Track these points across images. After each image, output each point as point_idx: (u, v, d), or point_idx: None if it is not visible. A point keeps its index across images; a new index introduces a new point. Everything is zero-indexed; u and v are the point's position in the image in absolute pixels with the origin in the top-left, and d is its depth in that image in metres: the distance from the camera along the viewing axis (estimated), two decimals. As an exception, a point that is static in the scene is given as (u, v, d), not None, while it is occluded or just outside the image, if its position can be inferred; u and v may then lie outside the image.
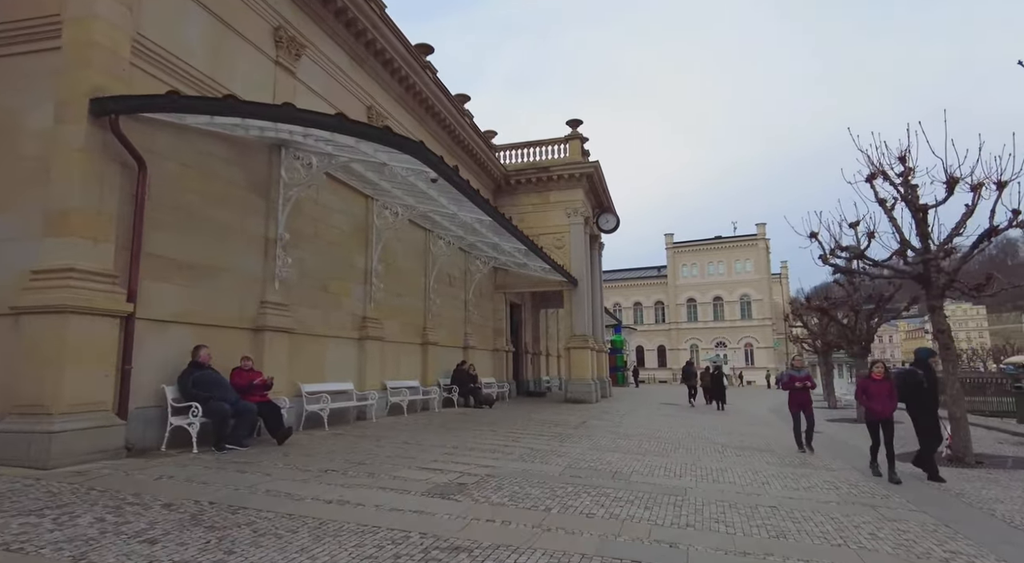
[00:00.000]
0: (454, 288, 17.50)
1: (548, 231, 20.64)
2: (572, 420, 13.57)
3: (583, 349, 20.19)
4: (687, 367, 22.98)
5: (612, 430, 11.93)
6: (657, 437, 11.16)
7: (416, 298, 14.87)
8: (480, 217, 11.91)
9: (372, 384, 12.18)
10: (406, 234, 14.43)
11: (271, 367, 9.14)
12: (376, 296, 12.52)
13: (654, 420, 14.84)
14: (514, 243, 14.67)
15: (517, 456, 7.91)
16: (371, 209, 12.60)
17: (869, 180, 9.91)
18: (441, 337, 15.95)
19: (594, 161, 20.78)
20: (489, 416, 13.76)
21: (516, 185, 21.18)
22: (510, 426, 11.74)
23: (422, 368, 14.92)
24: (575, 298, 20.57)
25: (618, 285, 71.41)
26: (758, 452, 9.65)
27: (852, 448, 10.78)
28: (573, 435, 10.65)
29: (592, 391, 19.88)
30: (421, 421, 11.95)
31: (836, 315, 16.55)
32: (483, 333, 19.83)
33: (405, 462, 7.05)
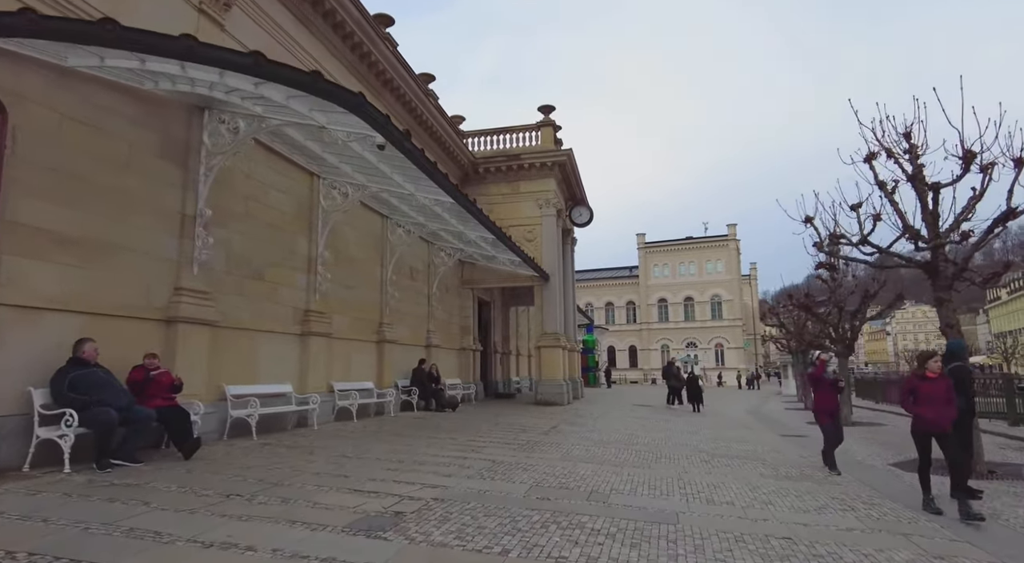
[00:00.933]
0: (416, 281, 16.15)
1: (519, 223, 19.42)
2: (542, 425, 12.38)
3: (554, 348, 19.03)
4: (668, 367, 21.98)
5: (585, 436, 10.78)
6: (635, 444, 10.03)
7: (371, 291, 13.49)
8: (440, 198, 10.62)
9: (316, 386, 10.77)
10: (359, 219, 13.04)
11: (187, 365, 7.70)
12: (323, 287, 11.11)
13: (630, 424, 13.75)
14: (480, 231, 13.41)
15: (475, 471, 6.65)
16: (317, 188, 11.19)
17: (868, 160, 8.97)
18: (400, 334, 14.58)
19: (567, 149, 19.64)
20: (450, 421, 12.46)
21: (485, 174, 19.92)
22: (472, 433, 10.47)
23: (377, 368, 13.54)
24: (546, 294, 19.41)
25: (590, 285, 70.78)
26: (748, 461, 8.59)
27: (844, 454, 9.83)
28: (542, 443, 9.44)
29: (563, 392, 18.74)
30: (371, 428, 10.59)
31: (819, 312, 15.76)
32: (448, 331, 18.51)
33: (335, 482, 5.73)
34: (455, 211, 12.09)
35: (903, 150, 8.22)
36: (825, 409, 8.09)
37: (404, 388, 14.45)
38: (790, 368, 39.92)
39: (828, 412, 8.06)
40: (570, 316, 23.86)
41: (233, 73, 6.40)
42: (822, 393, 8.14)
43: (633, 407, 19.85)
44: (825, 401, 8.10)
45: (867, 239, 8.32)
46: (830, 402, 8.09)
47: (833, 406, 8.09)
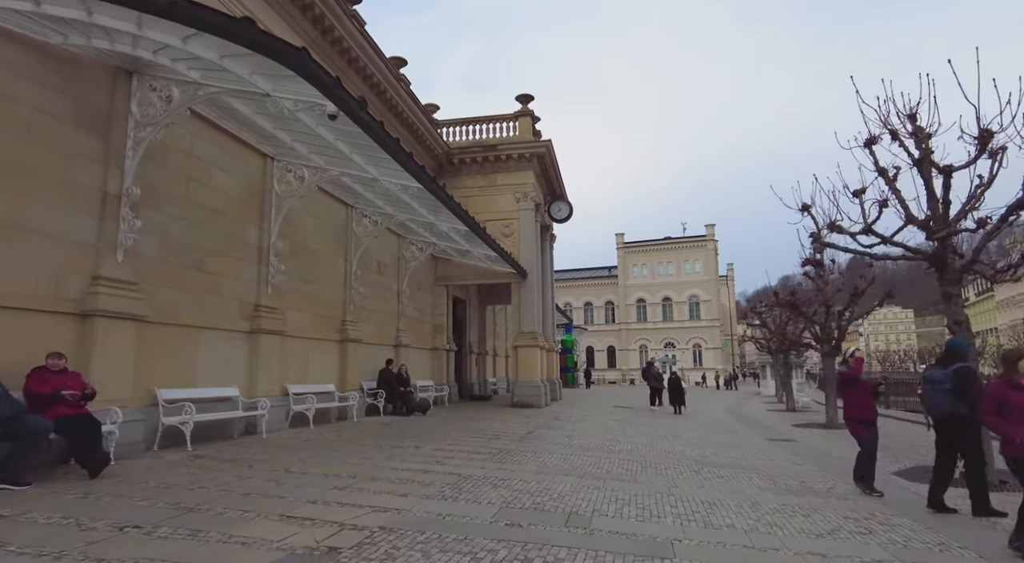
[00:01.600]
0: (384, 277, 15.16)
1: (496, 217, 18.54)
2: (517, 430, 11.52)
3: (532, 348, 18.19)
4: (648, 368, 21.21)
5: (564, 442, 9.94)
6: (618, 451, 9.23)
7: (333, 286, 12.47)
8: (406, 182, 9.69)
9: (267, 389, 9.75)
10: (320, 208, 12.03)
11: (107, 366, 6.68)
12: (276, 280, 10.09)
13: (611, 428, 12.97)
14: (453, 223, 12.50)
15: (436, 489, 5.75)
16: (270, 172, 10.17)
17: (868, 145, 8.30)
18: (366, 333, 13.58)
19: (546, 140, 18.81)
20: (418, 426, 11.52)
21: (460, 165, 18.99)
22: (440, 440, 9.56)
23: (340, 369, 12.53)
24: (524, 292, 18.56)
25: (569, 285, 70.25)
26: (741, 471, 7.84)
27: (839, 460, 9.15)
28: (516, 452, 8.58)
29: (541, 394, 17.91)
30: (327, 435, 9.61)
31: (805, 311, 15.19)
32: (420, 330, 17.54)
33: (265, 506, 4.79)
34: (424, 199, 11.16)
35: (909, 132, 7.55)
36: (861, 417, 6.74)
37: (370, 391, 13.46)
38: (768, 369, 39.79)
39: (865, 421, 6.73)
40: (549, 315, 23.05)
41: (151, 21, 5.42)
42: (857, 397, 6.79)
43: (613, 409, 19.12)
44: (861, 408, 6.75)
45: (871, 228, 7.63)
46: (867, 409, 6.75)
47: (871, 413, 6.77)
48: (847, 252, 8.17)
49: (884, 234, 7.66)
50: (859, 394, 6.78)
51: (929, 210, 7.68)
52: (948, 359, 6.28)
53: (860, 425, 6.76)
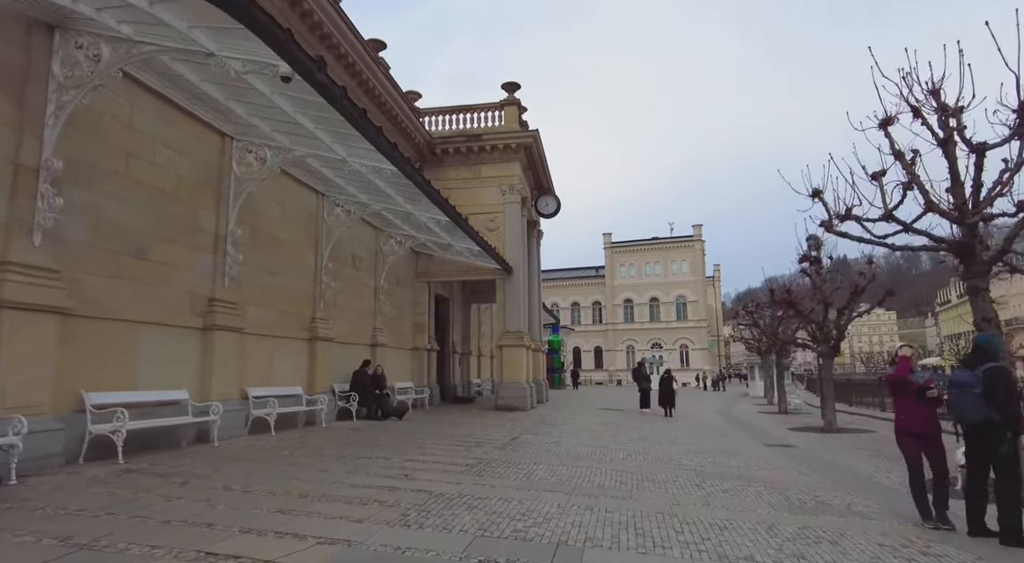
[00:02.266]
0: (360, 271, 14.22)
1: (480, 211, 17.64)
2: (500, 436, 10.66)
3: (517, 347, 17.34)
4: (638, 368, 20.36)
5: (550, 450, 9.10)
6: (610, 461, 8.40)
7: (302, 280, 11.52)
8: (378, 164, 8.80)
9: (224, 392, 8.79)
10: (288, 194, 11.08)
11: (14, 366, 5.72)
12: (234, 271, 9.14)
13: (599, 433, 12.16)
14: (432, 212, 11.61)
15: (399, 512, 4.87)
16: (228, 152, 9.21)
17: (884, 126, 7.56)
18: (339, 332, 12.65)
19: (533, 130, 17.98)
20: (392, 432, 10.62)
21: (443, 156, 18.10)
22: (414, 448, 8.67)
23: (308, 370, 11.58)
24: (509, 289, 17.70)
25: (556, 285, 69.55)
26: (747, 484, 7.04)
27: (847, 471, 8.42)
28: (498, 462, 7.71)
29: (527, 396, 17.07)
30: (289, 443, 8.68)
31: (803, 309, 14.52)
32: (399, 328, 16.62)
33: (182, 538, 3.88)
34: (401, 186, 10.29)
35: (933, 108, 6.81)
36: (911, 429, 5.43)
37: (342, 393, 12.53)
38: (757, 369, 39.35)
39: (916, 434, 5.43)
40: (535, 314, 22.23)
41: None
42: (905, 405, 5.52)
43: (601, 412, 18.32)
44: (913, 418, 5.42)
45: (892, 214, 6.88)
46: (920, 419, 5.39)
47: (921, 425, 5.39)
48: (862, 242, 7.45)
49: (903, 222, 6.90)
50: (909, 400, 5.51)
51: (953, 196, 6.95)
52: (977, 359, 5.41)
53: (911, 439, 5.47)
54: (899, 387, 5.63)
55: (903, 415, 5.56)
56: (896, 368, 5.70)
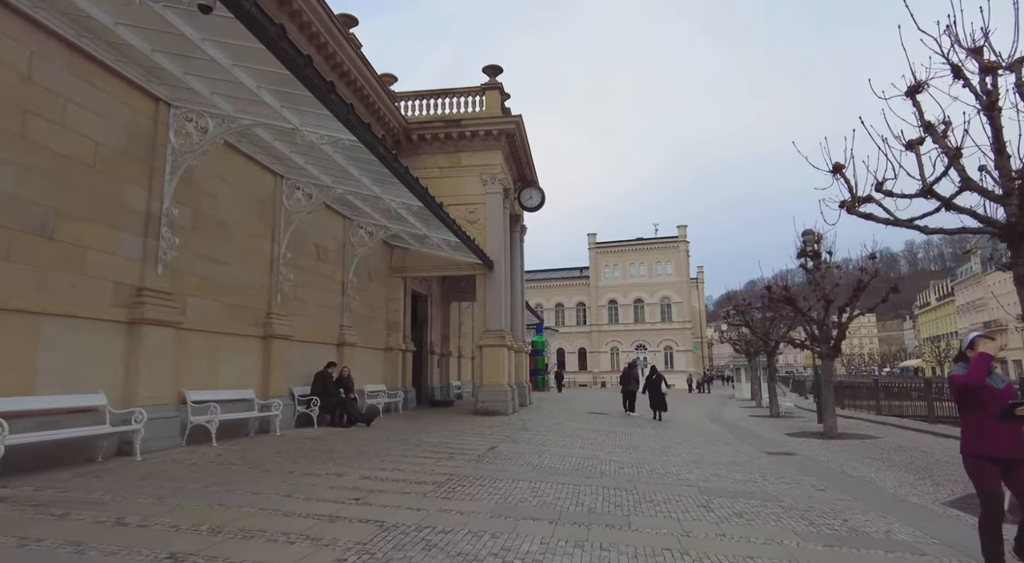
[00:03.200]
0: (325, 263, 13.01)
1: (459, 202, 16.53)
2: (477, 444, 9.55)
3: (498, 348, 16.23)
4: (629, 369, 19.27)
5: (533, 462, 8.01)
6: (600, 474, 7.34)
7: (255, 270, 10.30)
8: (334, 133, 7.65)
9: (154, 396, 7.56)
10: (239, 174, 9.87)
11: None
12: (169, 257, 7.91)
13: (588, 440, 11.10)
14: (403, 196, 10.47)
15: (334, 556, 3.74)
16: (164, 119, 7.99)
17: (912, 93, 6.62)
18: (299, 329, 11.44)
19: (516, 116, 16.90)
20: (355, 442, 9.45)
21: (420, 142, 16.94)
22: (375, 462, 7.52)
23: (262, 372, 10.36)
24: (490, 285, 16.59)
25: (540, 285, 68.65)
26: (762, 504, 6.02)
27: (863, 483, 7.47)
28: (471, 479, 6.60)
29: (508, 400, 15.96)
30: (228, 457, 7.47)
31: (802, 307, 13.63)
32: (370, 327, 15.42)
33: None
34: (364, 164, 9.14)
35: (977, 68, 5.87)
36: (993, 452, 3.85)
37: (302, 397, 11.31)
38: (743, 371, 38.69)
39: (1002, 460, 3.84)
40: (518, 313, 21.18)
41: None
42: (984, 419, 3.92)
43: (587, 416, 17.28)
44: (995, 438, 3.84)
45: (932, 189, 5.90)
46: (1005, 440, 3.82)
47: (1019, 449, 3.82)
48: (889, 225, 6.48)
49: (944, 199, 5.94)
50: (983, 414, 3.92)
51: (998, 171, 6.00)
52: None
53: (986, 465, 3.87)
54: (968, 394, 3.99)
55: (978, 433, 3.94)
56: (969, 368, 3.96)
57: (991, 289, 70.11)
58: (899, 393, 17.88)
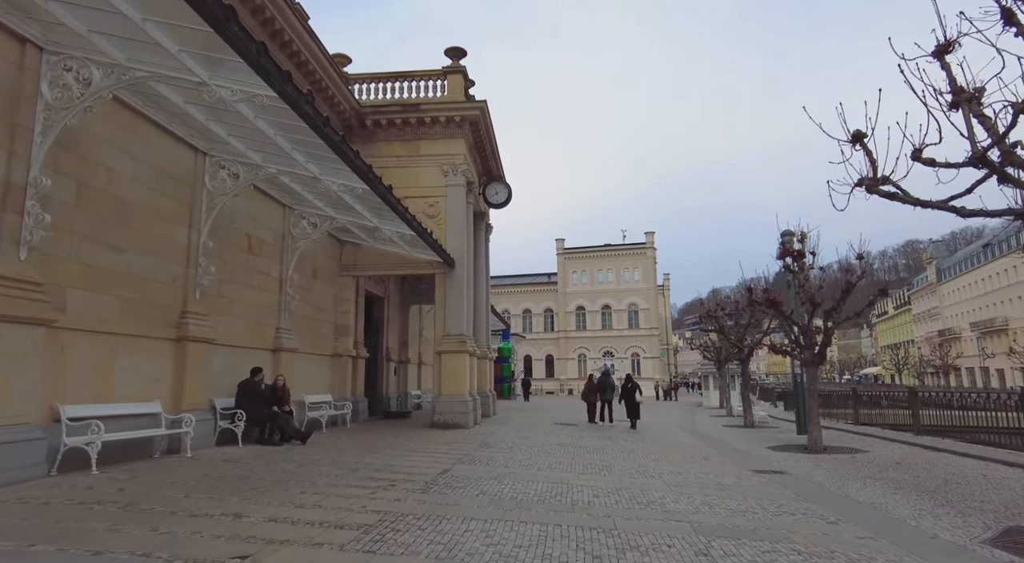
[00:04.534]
0: (260, 257, 11.43)
1: (418, 194, 15.17)
2: (426, 468, 8.14)
3: (458, 354, 14.85)
4: (604, 378, 18.29)
5: (490, 492, 6.65)
6: (572, 508, 6.03)
7: (165, 260, 8.69)
8: (248, 88, 6.21)
9: (12, 412, 5.94)
10: (147, 147, 8.29)
11: None
12: (37, 238, 6.31)
13: (556, 459, 9.81)
14: (345, 178, 9.04)
15: None
16: (32, 66, 6.41)
17: (940, 55, 5.57)
18: (225, 331, 9.87)
19: (480, 101, 15.60)
20: (279, 465, 7.93)
21: (375, 128, 15.49)
22: (295, 493, 6.06)
23: (174, 381, 8.74)
24: (451, 285, 15.21)
25: (508, 290, 67.40)
26: (771, 547, 4.81)
27: (881, 514, 6.38)
28: (409, 520, 5.20)
29: (469, 411, 14.57)
30: (104, 489, 5.89)
31: (785, 311, 12.68)
32: (315, 331, 13.84)
33: None
34: (295, 136, 7.70)
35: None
36: None
37: (226, 411, 9.71)
38: (711, 379, 38.10)
39: None
40: (482, 317, 19.81)
41: None
42: None
43: (555, 428, 16.01)
44: None
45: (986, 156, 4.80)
46: None
47: None
48: (918, 206, 5.41)
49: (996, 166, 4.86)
50: None
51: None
52: None
53: None
54: None
55: None
56: None
57: (945, 298, 72.02)
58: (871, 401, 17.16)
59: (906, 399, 14.60)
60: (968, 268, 66.18)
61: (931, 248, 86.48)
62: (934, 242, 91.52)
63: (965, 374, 65.29)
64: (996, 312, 58.72)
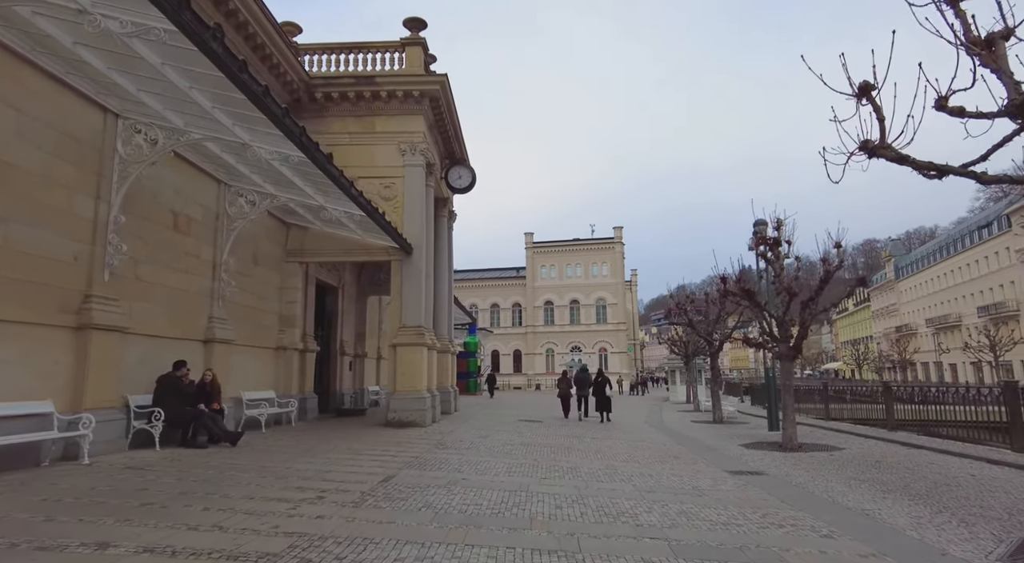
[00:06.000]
0: (188, 237, 10.19)
1: (373, 174, 14.06)
2: (367, 475, 7.15)
3: (416, 347, 13.81)
4: (581, 373, 18.70)
5: (436, 505, 5.70)
6: (530, 523, 5.13)
7: (62, 234, 7.45)
8: (142, 19, 5.09)
9: None
10: (32, 98, 7.03)
11: None
12: None
13: (518, 461, 8.92)
14: (281, 145, 7.92)
15: None
16: None
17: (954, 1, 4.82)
18: (143, 319, 8.67)
19: (441, 75, 14.52)
20: (193, 474, 6.82)
21: (326, 102, 14.28)
22: (196, 511, 5.00)
23: (73, 376, 7.52)
24: (408, 273, 14.15)
25: (476, 284, 66.46)
26: (767, 574, 4.01)
27: (876, 523, 5.69)
28: (328, 546, 4.21)
29: (426, 409, 13.57)
30: (-58, 513, 4.73)
31: (760, 301, 12.07)
32: (256, 321, 12.63)
33: None
34: (214, 90, 6.57)
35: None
36: None
37: (142, 410, 8.51)
38: (678, 373, 37.88)
39: None
40: (444, 308, 18.79)
41: None
42: None
43: (519, 425, 15.16)
44: None
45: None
46: None
47: None
48: (933, 173, 4.65)
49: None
50: None
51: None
52: None
53: None
54: None
55: None
56: None
57: (903, 295, 73.96)
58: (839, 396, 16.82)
59: (880, 394, 14.20)
60: (924, 266, 68.00)
61: (890, 246, 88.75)
62: (893, 240, 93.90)
63: (920, 369, 67.13)
64: (950, 309, 60.41)
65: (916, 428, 12.51)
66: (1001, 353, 43.56)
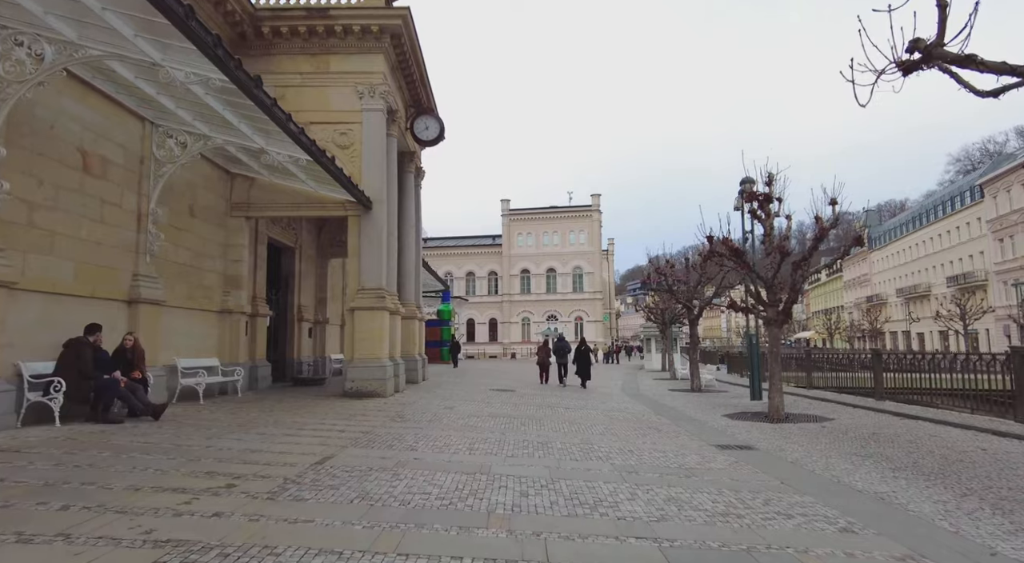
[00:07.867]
0: (103, 181, 8.76)
1: (327, 119, 12.62)
2: (301, 454, 6.07)
3: (375, 311, 12.65)
4: (560, 342, 19.40)
5: (374, 495, 4.66)
6: (487, 518, 4.12)
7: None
8: None
9: None
10: None
11: None
12: None
13: (482, 436, 7.93)
14: (197, 65, 6.53)
15: None
16: None
17: None
18: (40, 274, 7.35)
19: (403, 7, 12.97)
20: (82, 456, 5.66)
21: (274, 38, 12.67)
22: (52, 510, 3.88)
23: (-61, 339, 6.23)
24: (367, 229, 12.88)
25: (451, 252, 65.11)
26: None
27: (904, 513, 4.85)
28: (206, 559, 3.14)
29: (387, 378, 12.50)
30: None
31: (748, 261, 11.16)
32: (195, 280, 11.30)
33: None
34: None
35: None
36: None
37: (37, 380, 7.25)
38: (654, 341, 37.45)
39: None
40: (411, 271, 17.59)
41: None
42: None
43: (490, 395, 14.23)
44: None
45: None
46: None
47: None
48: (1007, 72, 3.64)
49: None
50: None
51: None
52: None
53: None
54: None
55: None
56: None
57: (874, 265, 74.76)
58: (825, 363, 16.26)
59: (869, 362, 13.55)
60: (896, 237, 68.55)
61: (864, 217, 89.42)
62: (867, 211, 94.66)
63: (889, 338, 68.29)
64: (920, 279, 61.15)
65: (908, 397, 11.87)
66: (970, 322, 44.12)
